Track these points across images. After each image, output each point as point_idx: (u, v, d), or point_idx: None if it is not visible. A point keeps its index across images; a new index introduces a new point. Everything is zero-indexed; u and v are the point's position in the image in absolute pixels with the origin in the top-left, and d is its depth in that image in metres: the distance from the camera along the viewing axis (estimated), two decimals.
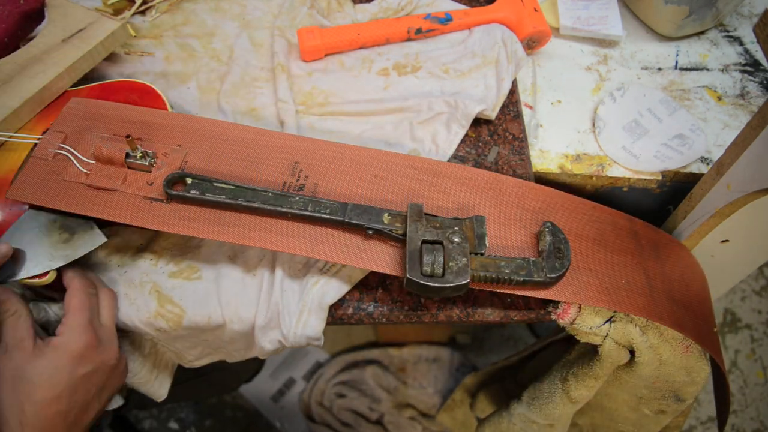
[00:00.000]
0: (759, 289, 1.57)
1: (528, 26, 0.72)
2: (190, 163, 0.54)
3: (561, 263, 0.49)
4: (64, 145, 0.53)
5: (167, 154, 0.54)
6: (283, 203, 0.50)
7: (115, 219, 0.50)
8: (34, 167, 0.52)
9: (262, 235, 0.50)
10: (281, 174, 0.54)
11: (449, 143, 0.63)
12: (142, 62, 0.69)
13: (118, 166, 0.52)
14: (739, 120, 0.73)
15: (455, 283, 0.45)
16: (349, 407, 1.29)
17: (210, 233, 0.50)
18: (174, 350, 0.61)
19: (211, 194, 0.50)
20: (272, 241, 0.49)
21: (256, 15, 0.74)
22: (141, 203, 0.51)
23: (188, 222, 0.50)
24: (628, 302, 0.50)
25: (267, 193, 0.50)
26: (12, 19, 0.61)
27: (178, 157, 0.54)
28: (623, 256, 0.54)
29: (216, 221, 0.50)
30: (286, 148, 0.55)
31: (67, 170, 0.52)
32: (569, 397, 0.56)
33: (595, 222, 0.56)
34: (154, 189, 0.51)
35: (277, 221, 0.50)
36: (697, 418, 1.39)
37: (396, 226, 0.49)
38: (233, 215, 0.51)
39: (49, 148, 0.53)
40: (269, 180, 0.53)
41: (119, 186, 0.51)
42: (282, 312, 0.52)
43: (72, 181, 0.51)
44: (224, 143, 0.55)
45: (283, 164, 0.54)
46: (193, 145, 0.55)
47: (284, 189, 0.52)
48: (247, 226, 0.50)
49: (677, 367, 0.53)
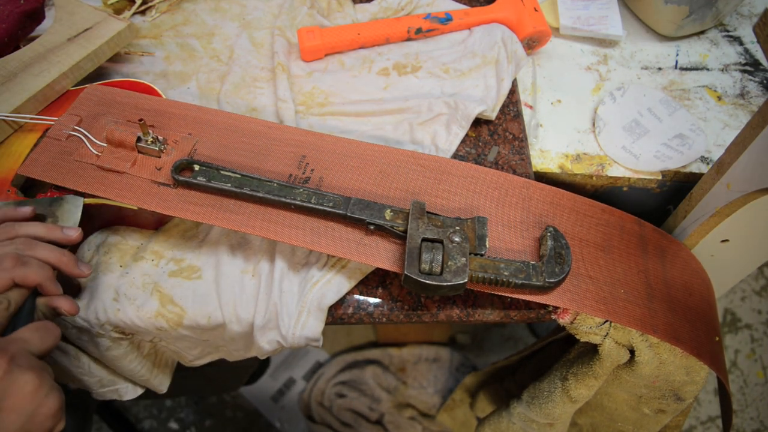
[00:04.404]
0: (759, 289, 1.57)
1: (528, 26, 0.72)
2: (200, 151, 0.54)
3: (561, 269, 0.49)
4: (78, 128, 0.54)
5: (177, 141, 0.55)
6: (287, 194, 0.50)
7: (122, 200, 0.51)
8: (47, 146, 0.54)
9: (264, 224, 0.50)
10: (288, 166, 0.54)
11: (449, 144, 0.63)
12: (142, 62, 0.69)
13: (128, 149, 0.53)
14: (739, 120, 0.73)
15: (452, 283, 0.45)
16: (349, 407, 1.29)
17: (213, 219, 0.50)
18: (174, 350, 0.61)
19: (217, 182, 0.50)
20: (274, 231, 0.50)
21: (256, 15, 0.74)
22: (148, 186, 0.52)
23: (193, 207, 0.51)
24: (624, 313, 0.50)
25: (272, 184, 0.51)
26: (12, 19, 0.61)
27: (187, 145, 0.54)
28: (626, 263, 0.54)
29: (220, 208, 0.51)
30: (294, 141, 0.56)
31: (79, 151, 0.53)
32: (569, 396, 0.56)
33: (602, 226, 0.55)
34: (162, 174, 0.52)
35: (281, 212, 0.51)
36: (697, 418, 1.39)
37: (398, 222, 0.49)
38: (237, 203, 0.51)
39: (64, 130, 0.54)
40: (276, 171, 0.54)
41: (128, 169, 0.52)
42: (281, 313, 0.52)
43: (83, 162, 0.53)
44: (234, 134, 0.56)
45: (290, 157, 0.55)
46: (203, 135, 0.56)
47: (290, 181, 0.53)
48: (251, 215, 0.51)
49: (677, 367, 0.53)
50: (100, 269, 0.54)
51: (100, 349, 0.55)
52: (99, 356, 0.56)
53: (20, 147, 0.56)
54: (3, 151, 0.56)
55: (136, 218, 0.57)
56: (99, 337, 0.54)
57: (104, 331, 0.53)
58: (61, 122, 0.55)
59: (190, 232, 0.57)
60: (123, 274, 0.54)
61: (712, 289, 0.59)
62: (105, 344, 0.54)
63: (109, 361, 0.57)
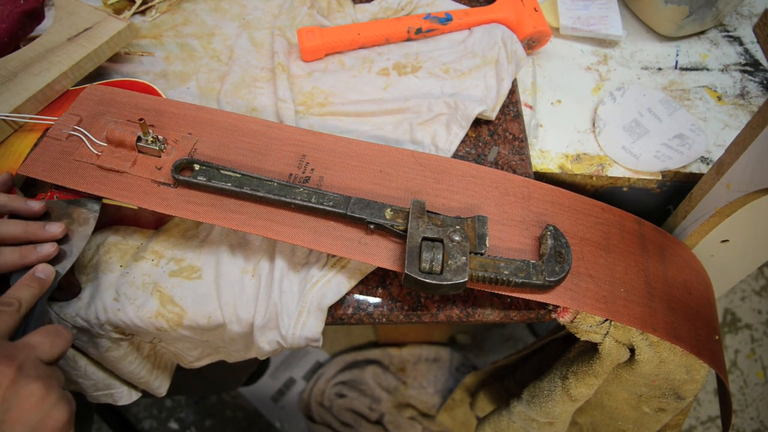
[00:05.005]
0: (759, 289, 1.57)
1: (528, 26, 0.72)
2: (200, 151, 0.54)
3: (561, 267, 0.49)
4: (78, 127, 0.54)
5: (177, 141, 0.55)
6: (288, 193, 0.50)
7: (122, 199, 0.51)
8: (47, 146, 0.54)
9: (265, 223, 0.50)
10: (288, 165, 0.54)
11: (449, 144, 0.63)
12: (142, 62, 0.69)
13: (128, 149, 0.53)
14: (739, 120, 0.73)
15: (453, 282, 0.45)
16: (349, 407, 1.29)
17: (214, 219, 0.50)
18: (174, 351, 0.61)
19: (217, 181, 0.51)
20: (275, 231, 0.50)
21: (256, 15, 0.74)
22: (148, 186, 0.52)
23: (193, 206, 0.51)
24: (624, 312, 0.51)
25: (272, 183, 0.51)
26: (12, 19, 0.61)
27: (188, 145, 0.55)
28: (626, 261, 0.54)
29: (221, 207, 0.51)
30: (294, 140, 0.56)
31: (79, 151, 0.53)
32: (569, 395, 0.56)
33: (602, 224, 0.56)
34: (162, 173, 0.52)
35: (281, 211, 0.51)
36: (697, 418, 1.39)
37: (398, 221, 0.49)
38: (238, 203, 0.51)
39: (64, 129, 0.55)
40: (276, 171, 0.54)
41: (128, 168, 0.52)
42: (281, 313, 0.52)
43: (83, 162, 0.53)
44: (234, 134, 0.56)
45: (290, 156, 0.55)
46: (203, 134, 0.56)
47: (290, 180, 0.53)
48: (251, 214, 0.51)
49: (677, 365, 0.53)
50: (100, 269, 0.54)
51: (100, 350, 0.55)
52: (99, 358, 0.56)
53: (20, 147, 0.56)
54: (3, 151, 0.56)
55: (136, 218, 0.57)
56: (99, 338, 0.54)
57: (104, 331, 0.53)
58: (61, 122, 0.55)
59: (191, 231, 0.57)
60: (123, 274, 0.54)
61: (712, 288, 0.59)
62: (105, 345, 0.54)
63: (109, 362, 0.57)
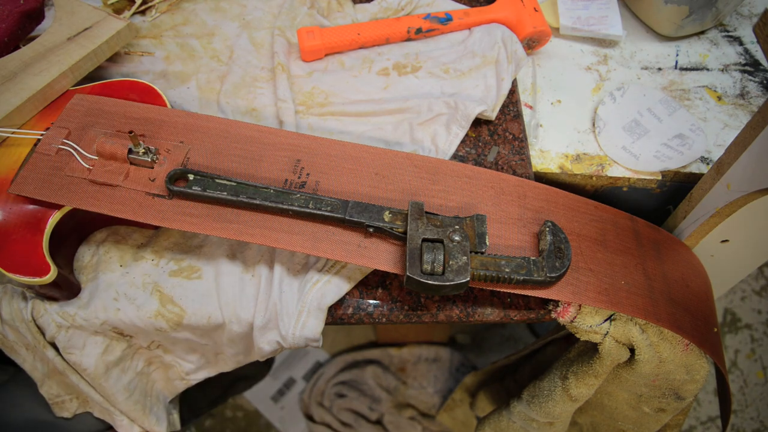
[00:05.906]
0: (759, 289, 1.57)
1: (528, 26, 0.72)
2: (193, 159, 0.54)
3: (561, 263, 0.49)
4: (67, 141, 0.54)
5: (170, 150, 0.54)
6: (285, 200, 0.50)
7: (117, 214, 0.50)
8: (37, 163, 0.53)
9: (263, 231, 0.50)
10: (283, 171, 0.54)
11: (449, 144, 0.63)
12: (142, 62, 0.69)
13: (120, 161, 0.52)
14: (739, 120, 0.73)
15: (455, 282, 0.45)
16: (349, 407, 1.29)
17: (211, 229, 0.50)
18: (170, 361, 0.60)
19: (212, 190, 0.50)
20: (273, 238, 0.50)
21: (256, 15, 0.74)
22: (143, 199, 0.51)
23: (189, 218, 0.50)
24: (627, 303, 0.50)
25: (268, 190, 0.51)
26: (12, 19, 0.61)
27: (180, 154, 0.54)
28: (624, 256, 0.54)
29: (217, 217, 0.50)
30: (288, 145, 0.55)
31: (70, 166, 0.52)
32: (569, 395, 0.56)
33: (597, 221, 0.56)
34: (156, 185, 0.52)
35: (279, 218, 0.51)
36: (697, 418, 1.40)
37: (397, 224, 0.49)
38: (234, 212, 0.51)
39: (53, 144, 0.53)
40: (271, 177, 0.53)
41: (121, 182, 0.52)
42: (280, 313, 0.52)
43: (75, 177, 0.52)
44: (226, 140, 0.55)
45: (285, 161, 0.54)
46: (195, 142, 0.55)
47: (286, 186, 0.53)
48: (249, 223, 0.50)
49: (677, 365, 0.53)
50: (100, 269, 0.54)
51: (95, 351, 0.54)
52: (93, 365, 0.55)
53: (21, 146, 0.56)
54: (3, 151, 0.56)
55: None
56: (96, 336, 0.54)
57: (102, 330, 0.53)
58: (49, 136, 0.54)
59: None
60: (123, 273, 0.54)
61: (709, 281, 0.59)
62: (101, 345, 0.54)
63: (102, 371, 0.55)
